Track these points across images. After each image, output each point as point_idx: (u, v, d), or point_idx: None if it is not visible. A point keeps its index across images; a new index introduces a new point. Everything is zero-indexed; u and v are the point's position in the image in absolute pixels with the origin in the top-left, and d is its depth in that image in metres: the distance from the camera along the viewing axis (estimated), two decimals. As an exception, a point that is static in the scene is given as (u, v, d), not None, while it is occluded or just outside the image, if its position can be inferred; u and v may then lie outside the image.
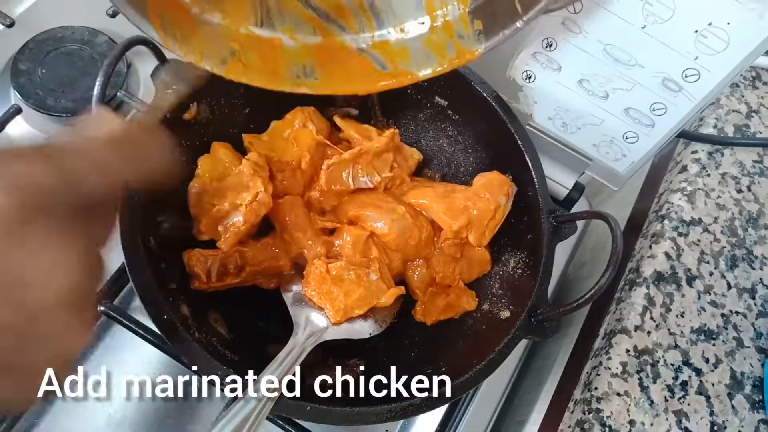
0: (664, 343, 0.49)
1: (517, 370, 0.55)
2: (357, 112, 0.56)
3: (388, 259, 0.48)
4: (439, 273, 0.50)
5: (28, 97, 0.55)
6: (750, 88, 0.63)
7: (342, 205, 0.49)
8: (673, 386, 0.47)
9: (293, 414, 0.38)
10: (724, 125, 0.60)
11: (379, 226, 0.47)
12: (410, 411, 0.39)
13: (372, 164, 0.50)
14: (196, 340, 0.38)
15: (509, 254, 0.50)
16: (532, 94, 0.53)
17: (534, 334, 0.43)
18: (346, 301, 0.44)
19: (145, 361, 0.50)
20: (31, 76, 0.56)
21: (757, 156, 0.59)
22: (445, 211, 0.48)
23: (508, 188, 0.49)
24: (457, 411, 0.52)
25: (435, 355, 0.48)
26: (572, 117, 0.53)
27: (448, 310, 0.49)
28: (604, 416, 0.46)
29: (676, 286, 0.51)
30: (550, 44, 0.48)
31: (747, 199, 0.57)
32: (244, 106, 0.51)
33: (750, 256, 0.54)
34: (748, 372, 0.49)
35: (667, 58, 0.44)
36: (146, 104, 0.54)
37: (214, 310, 0.46)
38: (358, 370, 0.47)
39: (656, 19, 0.42)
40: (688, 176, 0.57)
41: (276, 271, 0.47)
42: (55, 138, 0.36)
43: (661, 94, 0.46)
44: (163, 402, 0.49)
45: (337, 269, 0.45)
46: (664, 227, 0.54)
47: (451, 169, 0.56)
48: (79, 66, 0.57)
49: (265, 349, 0.47)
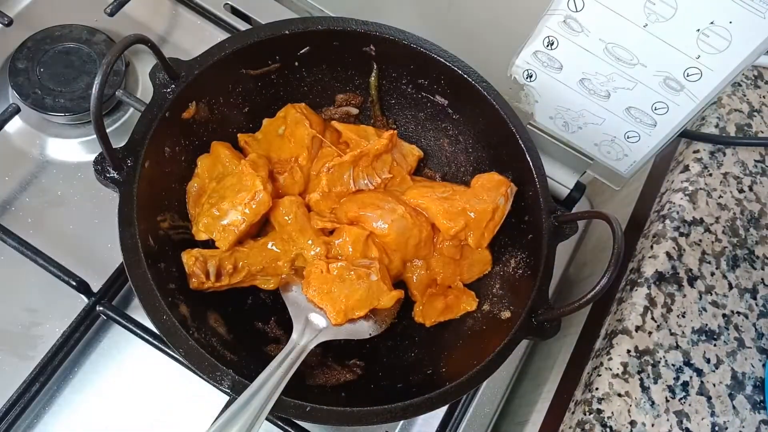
0: (665, 344, 0.49)
1: (518, 371, 0.55)
2: (357, 112, 0.55)
3: (388, 259, 0.48)
4: (439, 274, 0.50)
5: (26, 96, 0.54)
6: (752, 88, 0.63)
7: (342, 205, 0.49)
8: (674, 387, 0.47)
9: (293, 414, 0.38)
10: (725, 125, 0.60)
11: (378, 226, 0.47)
12: (410, 411, 0.39)
13: (372, 166, 0.50)
14: (195, 341, 0.38)
15: (510, 254, 0.50)
16: (533, 93, 0.53)
17: (534, 335, 0.43)
18: (347, 303, 0.44)
19: (145, 362, 0.50)
20: (29, 75, 0.55)
21: (759, 155, 0.59)
22: (443, 213, 0.48)
23: (507, 188, 0.49)
24: (458, 411, 0.51)
25: (435, 356, 0.47)
26: (573, 116, 0.52)
27: (447, 312, 0.49)
28: (605, 417, 0.45)
29: (678, 286, 0.51)
30: (551, 43, 0.48)
31: (749, 198, 0.57)
32: (244, 105, 0.51)
33: (751, 256, 0.54)
34: (749, 372, 0.49)
35: (668, 57, 0.43)
36: (145, 103, 0.54)
37: (214, 310, 0.45)
38: (358, 371, 0.47)
39: (658, 18, 0.42)
40: (689, 176, 0.57)
41: (275, 272, 0.47)
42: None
43: (663, 93, 0.46)
44: (162, 402, 0.49)
45: (338, 269, 0.45)
46: (665, 227, 0.54)
47: (451, 169, 0.55)
48: (77, 65, 0.57)
49: (264, 349, 0.46)
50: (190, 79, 0.45)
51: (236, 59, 0.47)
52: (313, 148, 0.51)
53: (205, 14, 0.64)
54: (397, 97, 0.55)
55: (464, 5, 0.52)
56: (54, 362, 0.47)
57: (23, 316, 0.49)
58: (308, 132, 0.50)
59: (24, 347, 0.48)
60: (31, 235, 0.50)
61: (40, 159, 0.55)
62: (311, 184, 0.50)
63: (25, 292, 0.50)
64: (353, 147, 0.51)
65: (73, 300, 0.49)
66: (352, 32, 0.49)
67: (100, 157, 0.41)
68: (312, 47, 0.50)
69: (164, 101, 0.44)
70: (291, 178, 0.49)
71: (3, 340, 0.48)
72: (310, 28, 0.48)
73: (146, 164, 0.42)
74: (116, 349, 0.50)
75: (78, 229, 0.53)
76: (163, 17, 0.64)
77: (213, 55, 0.46)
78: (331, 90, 0.54)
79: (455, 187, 0.51)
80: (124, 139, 0.43)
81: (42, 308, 0.50)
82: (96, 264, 0.51)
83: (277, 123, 0.51)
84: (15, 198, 0.53)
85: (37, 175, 0.54)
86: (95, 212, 0.54)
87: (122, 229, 0.40)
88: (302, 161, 0.50)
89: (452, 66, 0.49)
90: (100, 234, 0.53)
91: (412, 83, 0.53)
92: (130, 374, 0.49)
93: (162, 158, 0.45)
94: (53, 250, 0.49)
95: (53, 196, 0.54)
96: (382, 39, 0.49)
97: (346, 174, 0.49)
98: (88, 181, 0.55)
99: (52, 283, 0.48)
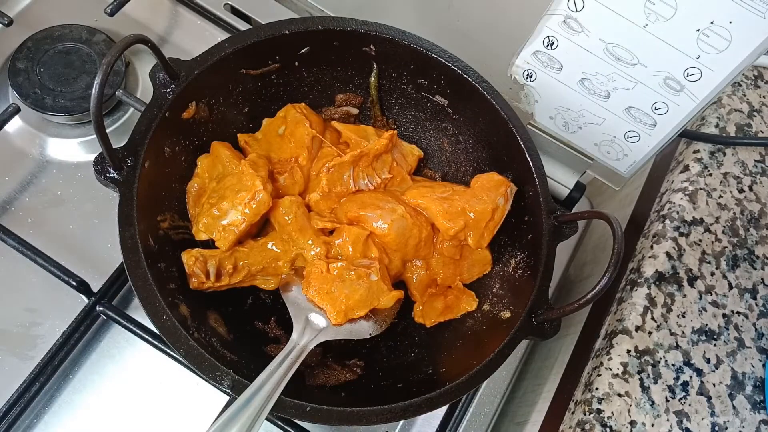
0: (665, 344, 0.49)
1: (518, 371, 0.55)
2: (357, 112, 0.55)
3: (388, 259, 0.48)
4: (439, 274, 0.50)
5: (26, 96, 0.54)
6: (752, 87, 0.63)
7: (342, 205, 0.49)
8: (674, 387, 0.47)
9: (293, 414, 0.38)
10: (725, 124, 0.60)
11: (378, 226, 0.47)
12: (410, 411, 0.39)
13: (372, 166, 0.50)
14: (195, 341, 0.38)
15: (510, 254, 0.50)
16: (533, 93, 0.53)
17: (534, 335, 0.43)
18: (347, 302, 0.44)
19: (145, 362, 0.50)
20: (29, 75, 0.55)
21: (759, 155, 0.59)
22: (442, 213, 0.48)
23: (507, 188, 0.49)
24: (458, 411, 0.51)
25: (435, 356, 0.47)
26: (573, 116, 0.52)
27: (447, 312, 0.49)
28: (605, 417, 0.45)
29: (678, 286, 0.51)
30: (551, 43, 0.48)
31: (749, 198, 0.57)
32: (244, 105, 0.51)
33: (751, 256, 0.54)
34: (749, 372, 0.49)
35: (668, 57, 0.43)
36: (145, 103, 0.54)
37: (214, 310, 0.45)
38: (358, 371, 0.47)
39: (658, 18, 0.42)
40: (689, 176, 0.57)
41: (275, 272, 0.47)
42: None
43: (663, 93, 0.46)
44: (162, 402, 0.49)
45: (338, 269, 0.45)
46: (665, 227, 0.54)
47: (451, 169, 0.55)
48: (77, 65, 0.57)
49: (264, 349, 0.46)
50: (190, 79, 0.45)
51: (236, 59, 0.47)
52: (313, 148, 0.51)
53: (205, 14, 0.64)
54: (397, 97, 0.55)
55: (464, 5, 0.52)
56: (54, 362, 0.47)
57: (23, 316, 0.49)
58: (308, 132, 0.50)
59: (24, 347, 0.48)
60: (31, 235, 0.50)
61: (40, 159, 0.55)
62: (311, 184, 0.50)
63: (25, 292, 0.50)
64: (353, 147, 0.51)
65: (73, 300, 0.49)
66: (352, 32, 0.49)
67: (100, 157, 0.41)
68: (312, 47, 0.50)
69: (164, 101, 0.44)
70: (291, 178, 0.49)
71: (3, 340, 0.48)
72: (310, 28, 0.48)
73: (146, 164, 0.42)
74: (116, 349, 0.50)
75: (78, 229, 0.53)
76: (163, 17, 0.64)
77: (213, 55, 0.46)
78: (331, 90, 0.54)
79: (455, 187, 0.51)
80: (124, 139, 0.43)
81: (42, 308, 0.50)
82: (96, 264, 0.51)
83: (277, 123, 0.51)
84: (15, 198, 0.53)
85: (37, 175, 0.54)
86: (95, 212, 0.54)
87: (122, 229, 0.40)
88: (302, 161, 0.50)
89: (452, 66, 0.49)
90: (100, 234, 0.53)
91: (412, 83, 0.53)
92: (130, 374, 0.49)
93: (162, 158, 0.45)
94: (53, 250, 0.49)
95: (53, 196, 0.54)
96: (382, 39, 0.49)
97: (346, 174, 0.49)
98: (88, 181, 0.55)
99: (52, 283, 0.48)
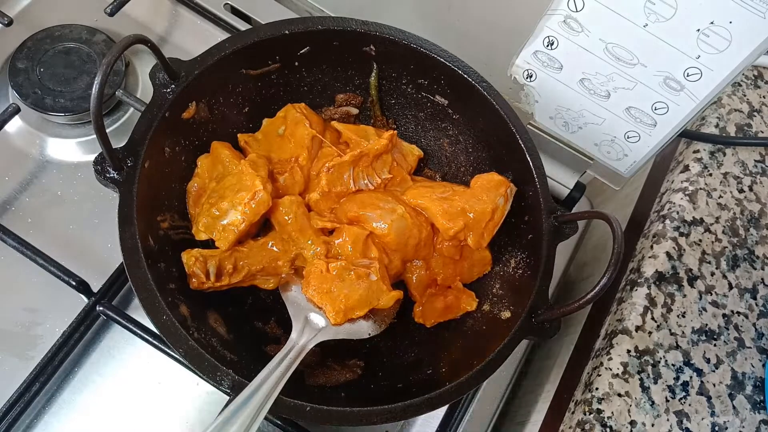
0: (665, 344, 0.49)
1: (518, 371, 0.55)
2: (357, 112, 0.55)
3: (388, 259, 0.48)
4: (439, 274, 0.50)
5: (26, 96, 0.54)
6: (752, 87, 0.63)
7: (342, 205, 0.49)
8: (674, 387, 0.47)
9: (292, 414, 0.38)
10: (725, 124, 0.60)
11: (378, 226, 0.47)
12: (410, 411, 0.39)
13: (372, 166, 0.50)
14: (195, 341, 0.38)
15: (510, 254, 0.50)
16: (533, 93, 0.53)
17: (534, 335, 0.43)
18: (346, 302, 0.44)
19: (145, 362, 0.50)
20: (29, 75, 0.55)
21: (759, 155, 0.59)
22: (442, 213, 0.48)
23: (506, 189, 0.49)
24: (458, 411, 0.51)
25: (435, 356, 0.47)
26: (573, 116, 0.52)
27: (447, 312, 0.49)
28: (605, 417, 0.45)
29: (678, 286, 0.51)
30: (551, 43, 0.48)
31: (749, 198, 0.57)
32: (244, 105, 0.51)
33: (751, 256, 0.54)
34: (749, 372, 0.49)
35: (668, 57, 0.43)
36: (145, 103, 0.54)
37: (214, 310, 0.45)
38: (358, 371, 0.47)
39: (658, 18, 0.42)
40: (689, 176, 0.57)
41: (275, 271, 0.47)
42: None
43: (663, 93, 0.46)
44: (162, 402, 0.49)
45: (338, 269, 0.45)
46: (665, 227, 0.54)
47: (451, 169, 0.55)
48: (77, 65, 0.57)
49: (264, 349, 0.46)
50: (190, 79, 0.45)
51: (236, 59, 0.47)
52: (313, 148, 0.51)
53: (205, 14, 0.64)
54: (397, 97, 0.55)
55: (464, 5, 0.52)
56: (54, 362, 0.47)
57: (23, 316, 0.49)
58: (308, 132, 0.50)
59: (24, 347, 0.48)
60: (31, 235, 0.50)
61: (40, 159, 0.55)
62: (311, 184, 0.50)
63: (25, 292, 0.50)
64: (353, 147, 0.51)
65: (73, 300, 0.49)
66: (352, 32, 0.49)
67: (100, 157, 0.41)
68: (312, 47, 0.50)
69: (164, 101, 0.44)
70: (291, 178, 0.49)
71: (3, 340, 0.49)
72: (310, 28, 0.48)
73: (146, 164, 0.42)
74: (116, 349, 0.50)
75: (78, 229, 0.53)
76: (163, 17, 0.64)
77: (213, 55, 0.46)
78: (331, 90, 0.54)
79: (455, 187, 0.51)
80: (124, 139, 0.43)
81: (42, 308, 0.50)
82: (96, 264, 0.51)
83: (277, 123, 0.51)
84: (15, 198, 0.53)
85: (37, 175, 0.55)
86: (95, 212, 0.54)
87: (122, 229, 0.40)
88: (302, 161, 0.50)
89: (452, 66, 0.49)
90: (100, 234, 0.53)
91: (412, 83, 0.53)
92: (130, 374, 0.49)
93: (162, 158, 0.45)
94: (53, 250, 0.49)
95: (53, 196, 0.54)
96: (382, 39, 0.49)
97: (346, 174, 0.49)
98: (88, 181, 0.55)
99: (52, 283, 0.48)
